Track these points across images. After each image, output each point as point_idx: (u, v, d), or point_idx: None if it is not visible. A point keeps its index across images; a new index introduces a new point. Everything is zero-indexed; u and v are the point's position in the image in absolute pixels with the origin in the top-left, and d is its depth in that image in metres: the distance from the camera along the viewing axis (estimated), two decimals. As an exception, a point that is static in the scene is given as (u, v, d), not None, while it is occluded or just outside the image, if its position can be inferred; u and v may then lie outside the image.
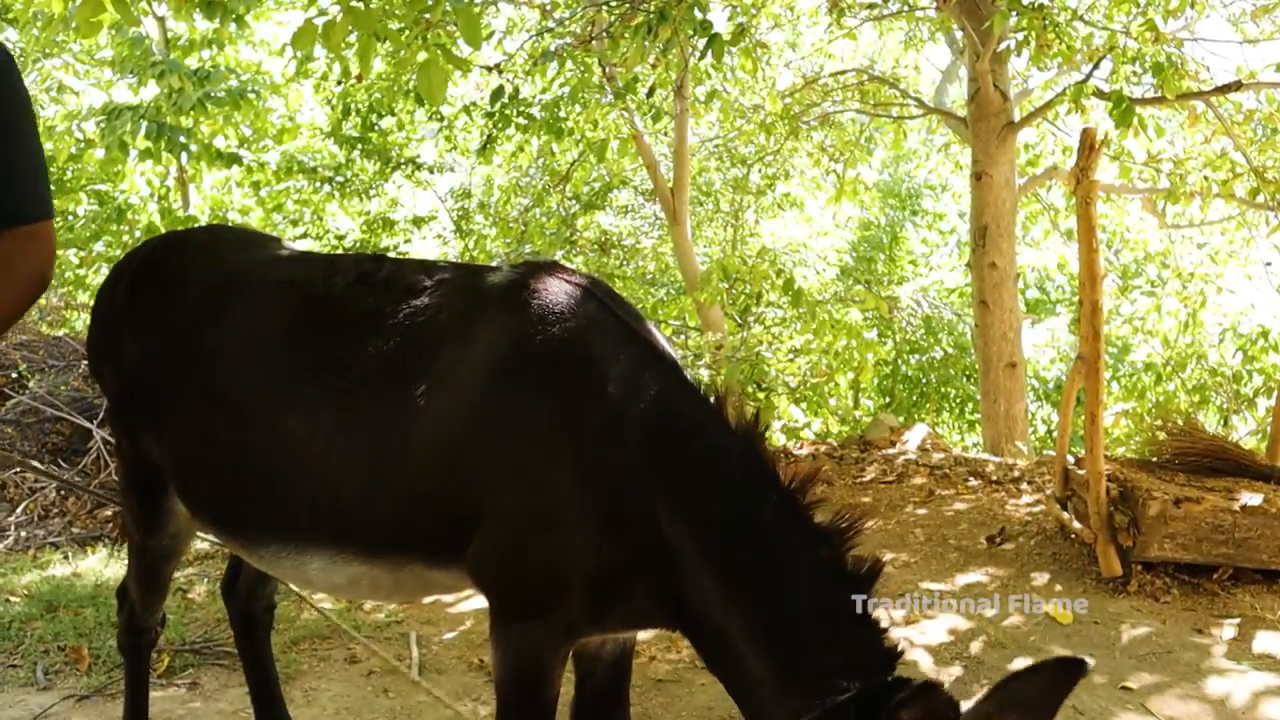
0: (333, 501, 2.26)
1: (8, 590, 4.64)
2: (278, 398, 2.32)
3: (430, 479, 2.17)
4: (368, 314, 2.31)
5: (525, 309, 2.20)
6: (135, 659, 2.99)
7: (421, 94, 4.63)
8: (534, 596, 2.17)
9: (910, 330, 15.42)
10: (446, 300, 2.28)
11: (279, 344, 2.36)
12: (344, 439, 2.24)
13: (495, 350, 2.16)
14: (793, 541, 2.03)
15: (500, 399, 2.14)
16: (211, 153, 8.30)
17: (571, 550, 2.10)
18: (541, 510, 2.12)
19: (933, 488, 6.17)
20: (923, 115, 11.94)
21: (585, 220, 11.74)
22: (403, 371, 2.21)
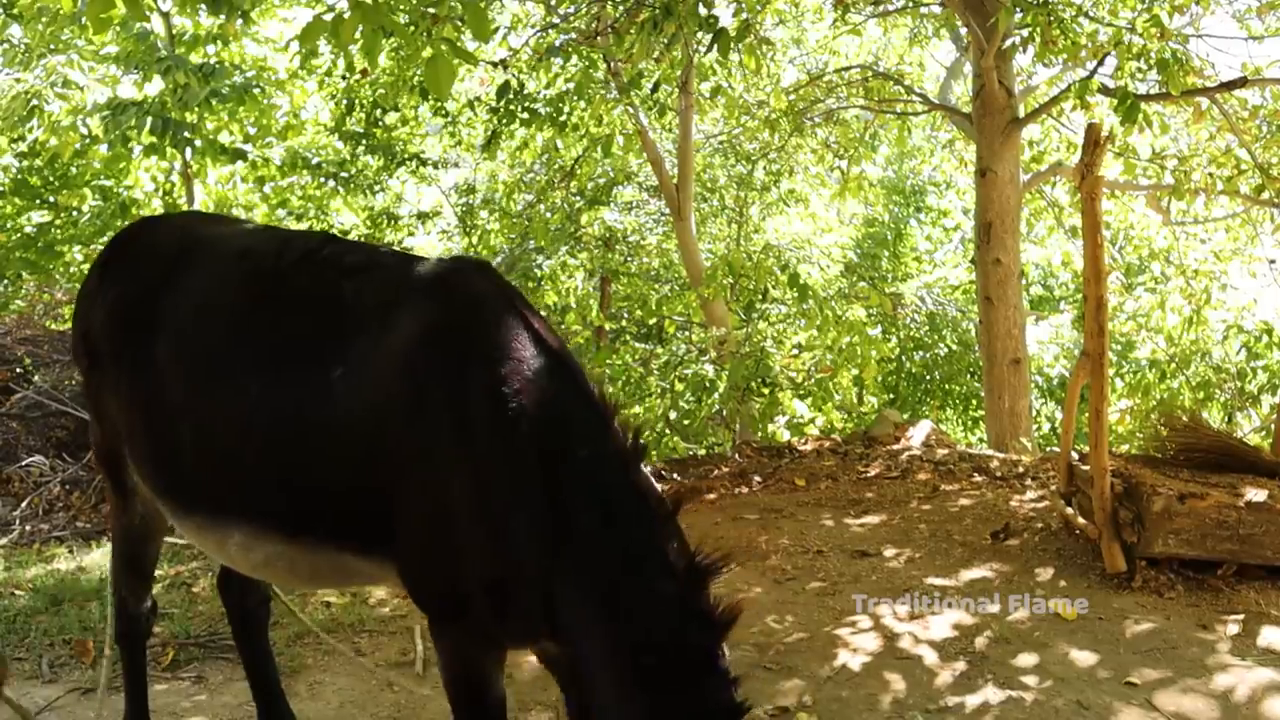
0: (253, 477, 2.30)
1: (13, 584, 4.66)
2: (212, 370, 2.37)
3: (340, 464, 2.19)
4: (303, 292, 2.35)
5: (442, 304, 2.22)
6: (130, 649, 3.01)
7: (429, 88, 4.64)
8: (444, 600, 2.19)
9: (914, 327, 15.40)
10: (374, 286, 2.30)
11: (222, 314, 2.41)
12: (266, 414, 2.27)
13: (407, 342, 2.17)
14: (652, 572, 2.02)
15: (405, 393, 2.14)
16: (216, 148, 8.31)
17: (468, 550, 2.10)
18: (440, 511, 2.12)
19: (937, 484, 6.17)
20: (927, 112, 11.93)
21: (589, 216, 11.73)
22: (323, 353, 2.24)
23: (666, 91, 9.69)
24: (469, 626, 2.17)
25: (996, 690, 3.57)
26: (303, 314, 2.32)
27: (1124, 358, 13.54)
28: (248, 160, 8.94)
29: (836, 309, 8.67)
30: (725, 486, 6.31)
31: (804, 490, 6.18)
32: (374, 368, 2.17)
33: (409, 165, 10.71)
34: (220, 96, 8.11)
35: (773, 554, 4.97)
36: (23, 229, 9.81)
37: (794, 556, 4.94)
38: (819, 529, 5.39)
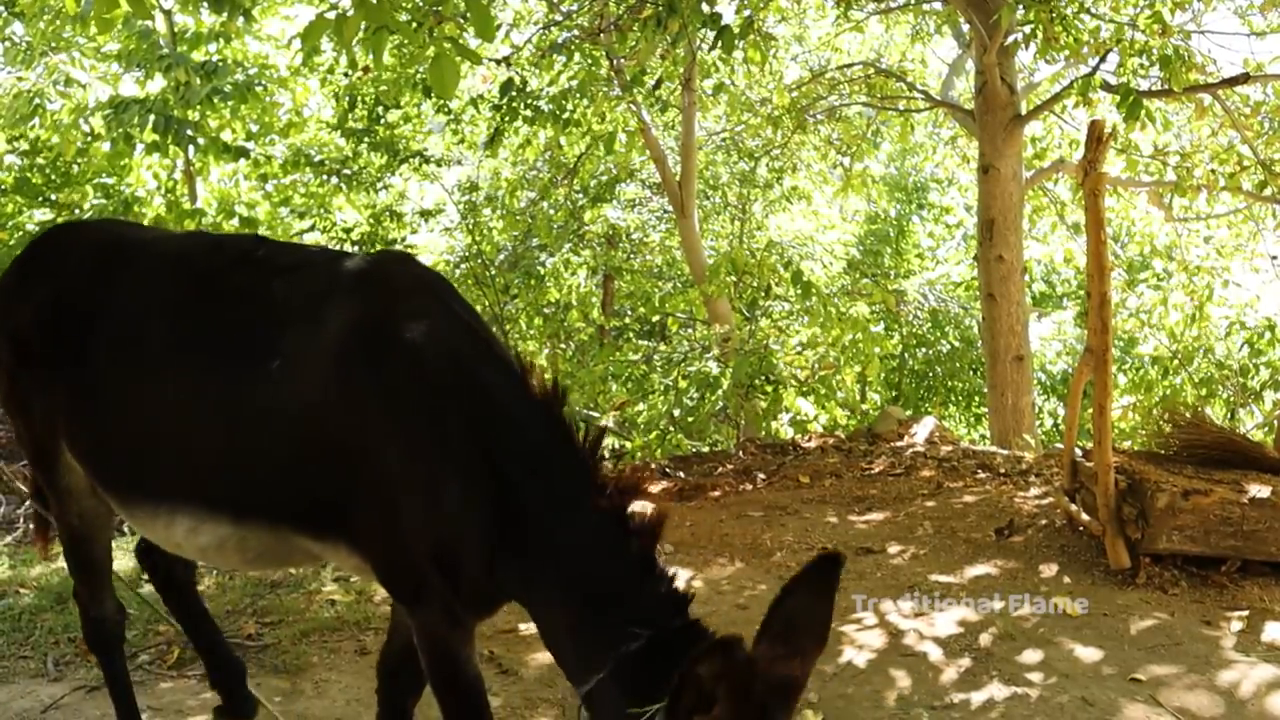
0: (196, 464, 2.38)
1: (17, 582, 4.66)
2: (154, 364, 2.45)
3: (278, 449, 2.28)
4: (239, 291, 2.45)
5: (366, 297, 2.33)
6: (105, 654, 2.99)
7: (434, 88, 4.63)
8: (404, 582, 2.28)
9: (917, 324, 15.40)
10: (305, 282, 2.41)
11: (159, 313, 2.49)
12: (205, 405, 2.36)
13: (338, 332, 2.27)
14: (583, 505, 2.11)
15: (338, 381, 2.24)
16: (218, 146, 8.31)
17: (412, 528, 2.19)
18: (383, 494, 2.21)
19: (941, 480, 6.17)
20: (929, 109, 11.91)
21: (592, 214, 11.74)
22: (259, 346, 2.33)
23: (669, 89, 9.68)
24: (432, 605, 2.25)
25: (1001, 687, 3.57)
26: (239, 310, 2.41)
27: (1126, 354, 13.54)
28: (250, 158, 8.94)
29: (839, 306, 8.66)
30: (729, 484, 6.31)
31: (808, 487, 6.18)
32: (307, 359, 2.27)
33: (412, 163, 10.71)
34: (222, 94, 8.11)
35: (777, 551, 4.97)
36: (24, 227, 9.82)
37: (798, 553, 4.93)
38: (823, 526, 5.39)
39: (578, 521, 2.11)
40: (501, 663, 3.73)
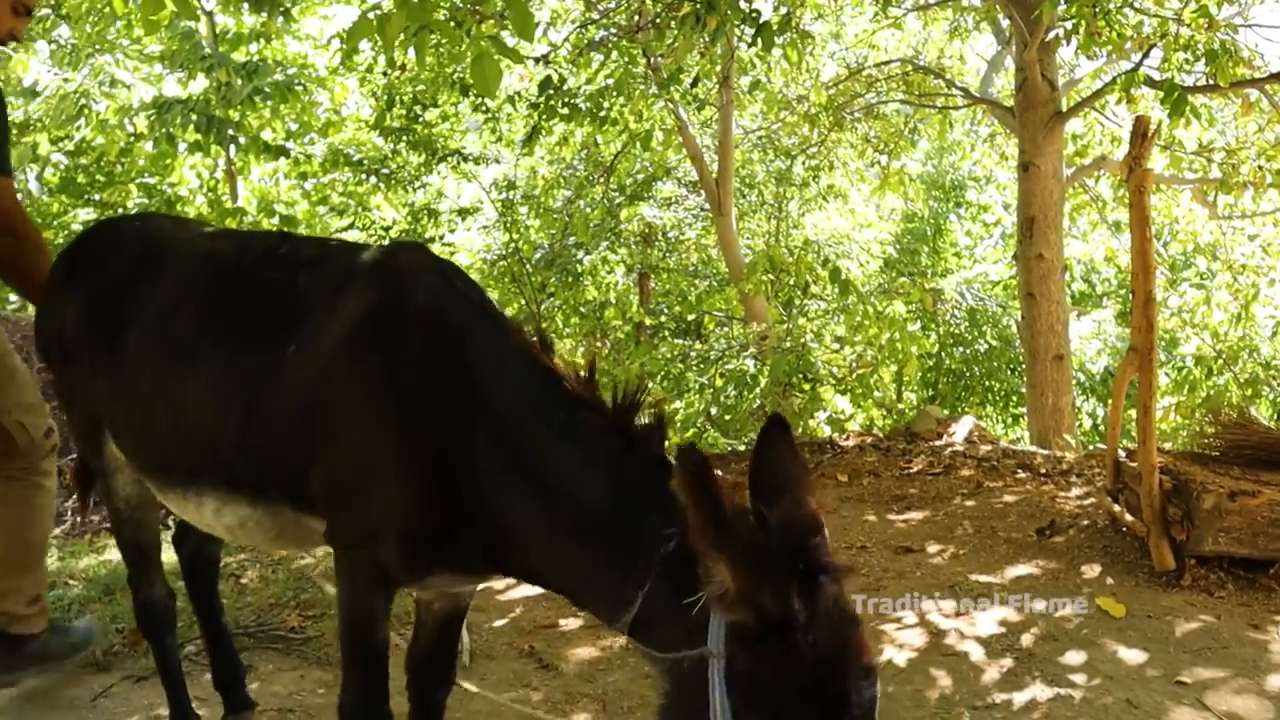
0: (220, 448, 2.48)
1: (67, 574, 4.74)
2: (183, 355, 2.56)
3: (292, 432, 2.34)
4: (264, 284, 2.55)
5: (379, 284, 2.39)
6: (155, 639, 3.10)
7: (476, 87, 4.66)
8: (350, 543, 2.32)
9: (954, 323, 15.28)
10: (325, 273, 2.50)
11: (189, 308, 2.60)
12: (227, 393, 2.46)
13: (349, 320, 2.33)
14: (579, 428, 2.07)
15: (341, 358, 2.30)
16: (259, 145, 8.41)
17: (383, 498, 2.22)
18: (357, 461, 2.26)
19: (980, 480, 6.12)
20: (968, 106, 11.81)
21: (629, 212, 11.74)
22: (278, 335, 2.42)
23: (706, 87, 9.67)
24: (366, 572, 2.29)
25: (1044, 688, 3.54)
26: (262, 303, 2.51)
27: (1168, 354, 13.36)
28: (290, 157, 9.03)
29: (876, 304, 8.62)
30: (766, 482, 6.29)
31: (846, 486, 6.15)
32: (320, 344, 2.34)
33: (450, 161, 10.77)
34: (262, 94, 8.19)
35: (815, 549, 4.95)
36: (70, 226, 9.98)
37: (837, 552, 4.90)
38: (861, 525, 5.37)
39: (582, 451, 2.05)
40: (542, 658, 3.75)
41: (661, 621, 1.84)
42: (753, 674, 1.66)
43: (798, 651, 1.61)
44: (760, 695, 1.65)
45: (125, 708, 3.44)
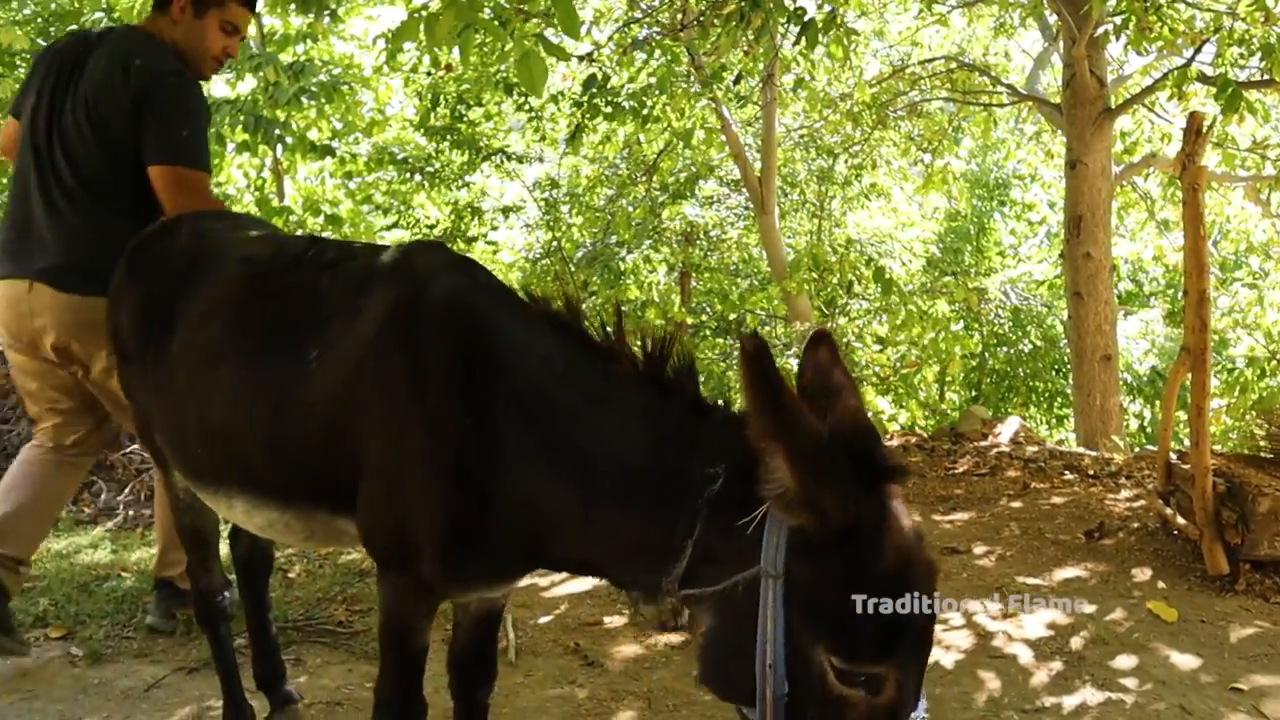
0: (247, 451, 2.50)
1: (120, 566, 4.81)
2: (212, 358, 2.58)
3: (319, 435, 2.33)
4: (292, 288, 2.54)
5: (400, 284, 2.36)
6: (209, 628, 3.15)
7: (522, 86, 4.67)
8: (391, 551, 2.29)
9: (998, 323, 15.13)
10: (346, 276, 2.49)
11: (221, 312, 2.62)
12: (251, 397, 2.47)
13: (372, 321, 2.31)
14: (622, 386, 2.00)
15: (365, 363, 2.27)
16: (305, 145, 8.48)
17: (420, 506, 2.16)
18: (390, 469, 2.21)
19: (1027, 481, 6.05)
20: (1014, 103, 11.68)
21: (671, 210, 11.73)
22: (302, 338, 2.41)
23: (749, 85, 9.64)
24: (411, 576, 2.27)
25: (1095, 692, 3.49)
26: (286, 307, 2.52)
27: (1218, 354, 13.14)
28: (335, 156, 9.11)
29: (920, 304, 8.55)
30: (810, 481, 6.26)
31: (890, 486, 6.10)
32: (345, 346, 2.34)
33: (493, 160, 10.82)
34: (309, 94, 8.27)
35: (860, 550, 4.92)
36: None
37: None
38: (906, 525, 5.33)
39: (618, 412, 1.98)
40: (587, 655, 3.76)
41: (710, 561, 1.76)
42: (813, 586, 1.60)
43: (862, 561, 1.56)
44: (821, 609, 1.60)
45: (177, 699, 3.48)
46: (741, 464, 1.70)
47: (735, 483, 1.71)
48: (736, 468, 1.73)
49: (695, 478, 1.80)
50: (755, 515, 1.65)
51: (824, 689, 1.61)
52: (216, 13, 3.44)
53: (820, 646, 1.60)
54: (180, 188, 3.25)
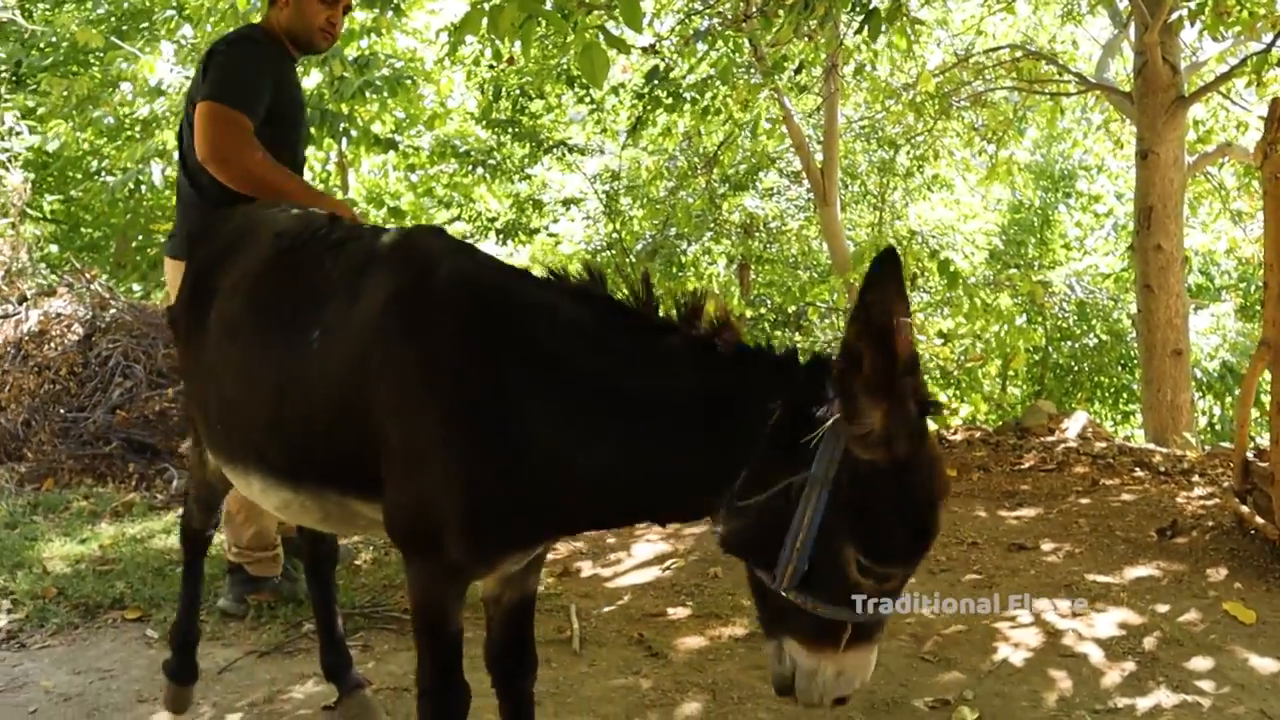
0: (257, 430, 2.54)
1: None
2: (231, 334, 2.64)
3: (325, 416, 2.36)
4: (303, 268, 2.57)
5: (403, 267, 2.37)
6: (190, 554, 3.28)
7: (584, 77, 4.67)
8: (416, 534, 2.29)
9: (1062, 316, 14.85)
10: (348, 257, 2.51)
11: (244, 288, 2.66)
12: (260, 375, 2.51)
13: (376, 304, 2.31)
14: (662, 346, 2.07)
15: (377, 343, 2.28)
16: (370, 138, 8.60)
17: (445, 485, 2.18)
18: (413, 448, 2.22)
19: (1096, 477, 5.94)
20: (1081, 92, 11.44)
21: (731, 202, 11.68)
22: (306, 318, 2.44)
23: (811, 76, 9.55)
24: (440, 560, 2.28)
25: (1169, 694, 3.41)
26: (295, 285, 2.55)
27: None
28: (399, 149, 9.21)
29: (984, 297, 8.42)
30: (872, 475, 6.20)
31: (955, 481, 6.02)
32: (347, 329, 2.35)
33: (555, 152, 10.86)
34: (373, 87, 8.37)
35: (924, 544, 4.86)
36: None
37: (948, 547, 4.82)
38: (972, 520, 5.25)
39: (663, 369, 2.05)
40: (651, 646, 3.76)
41: (759, 480, 1.92)
42: (859, 499, 1.82)
43: (910, 487, 1.81)
44: (861, 518, 1.83)
45: (249, 681, 3.55)
46: (797, 397, 1.89)
47: (792, 414, 1.88)
48: (791, 401, 1.89)
49: (752, 412, 1.94)
50: (817, 434, 1.84)
51: (844, 575, 1.88)
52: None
53: (851, 545, 1.85)
54: (205, 120, 3.38)
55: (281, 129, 3.61)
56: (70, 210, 10.29)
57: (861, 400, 1.75)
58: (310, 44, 3.75)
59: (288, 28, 3.70)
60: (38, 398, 6.64)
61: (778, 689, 2.04)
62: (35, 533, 5.17)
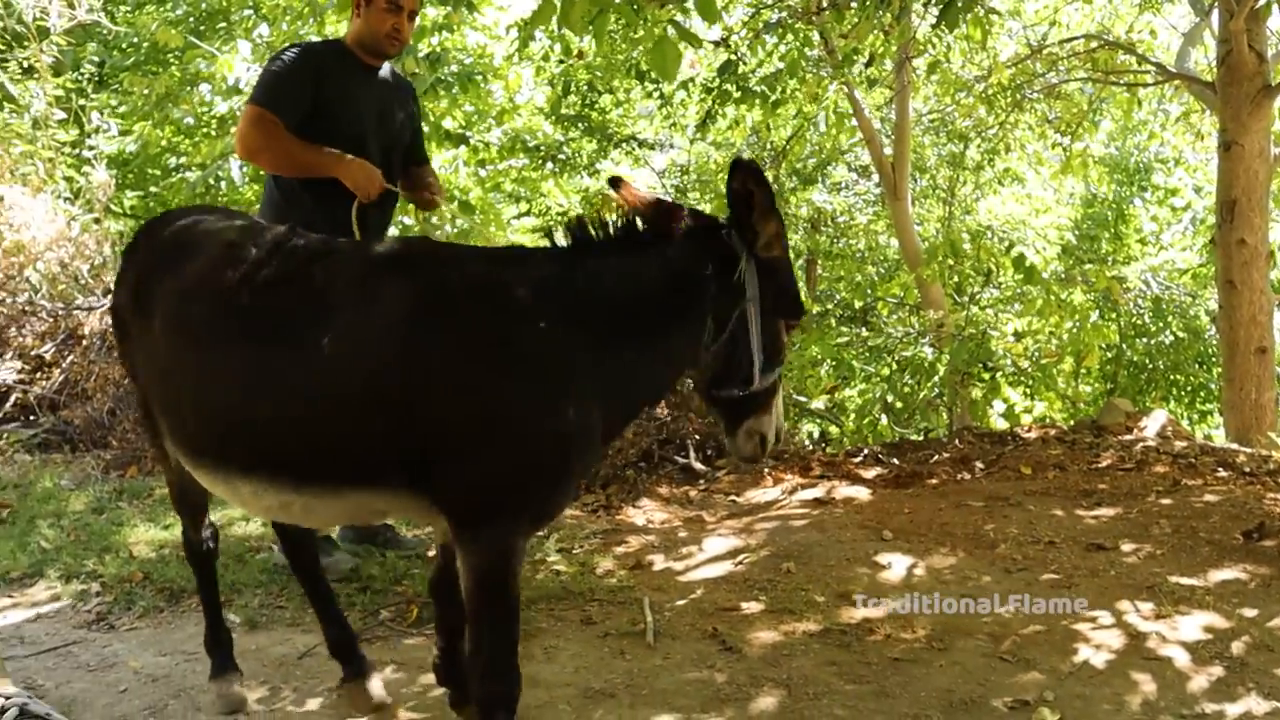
0: (252, 434, 2.61)
1: (270, 539, 5.01)
2: (204, 340, 2.69)
3: (345, 417, 2.51)
4: (278, 274, 2.68)
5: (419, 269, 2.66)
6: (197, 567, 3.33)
7: (655, 72, 4.68)
8: (478, 506, 2.50)
9: (1137, 313, 14.49)
10: (342, 267, 2.69)
11: (209, 294, 2.71)
12: (260, 379, 2.59)
13: (403, 303, 2.53)
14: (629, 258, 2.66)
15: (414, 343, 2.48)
16: (441, 133, 8.69)
17: (528, 453, 2.48)
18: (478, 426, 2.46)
19: (1177, 478, 5.79)
20: (1160, 82, 11.15)
21: (799, 197, 11.59)
22: (305, 326, 2.55)
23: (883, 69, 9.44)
24: (500, 528, 2.50)
25: (1261, 700, 3.31)
26: (281, 292, 2.65)
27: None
28: (469, 144, 9.29)
29: (1059, 293, 8.25)
30: (946, 472, 6.12)
31: (1030, 479, 5.92)
32: (368, 331, 2.52)
33: (624, 147, 10.88)
34: (445, 83, 8.45)
35: (1001, 543, 4.79)
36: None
37: (1024, 546, 4.74)
38: (1049, 519, 5.16)
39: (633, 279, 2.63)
40: (725, 640, 3.75)
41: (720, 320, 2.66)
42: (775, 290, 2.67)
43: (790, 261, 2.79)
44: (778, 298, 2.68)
45: (328, 667, 3.60)
46: (719, 251, 2.64)
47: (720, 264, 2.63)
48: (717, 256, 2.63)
49: (703, 277, 2.63)
50: (740, 269, 2.62)
51: (780, 343, 2.73)
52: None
53: (779, 319, 2.71)
54: (240, 121, 3.89)
55: (335, 125, 3.90)
56: (149, 206, 10.54)
57: (759, 222, 2.59)
58: (379, 50, 4.07)
59: (359, 36, 4.04)
60: (122, 387, 6.83)
61: (748, 460, 2.81)
62: (121, 518, 5.32)
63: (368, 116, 4.04)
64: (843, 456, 6.58)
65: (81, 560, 4.66)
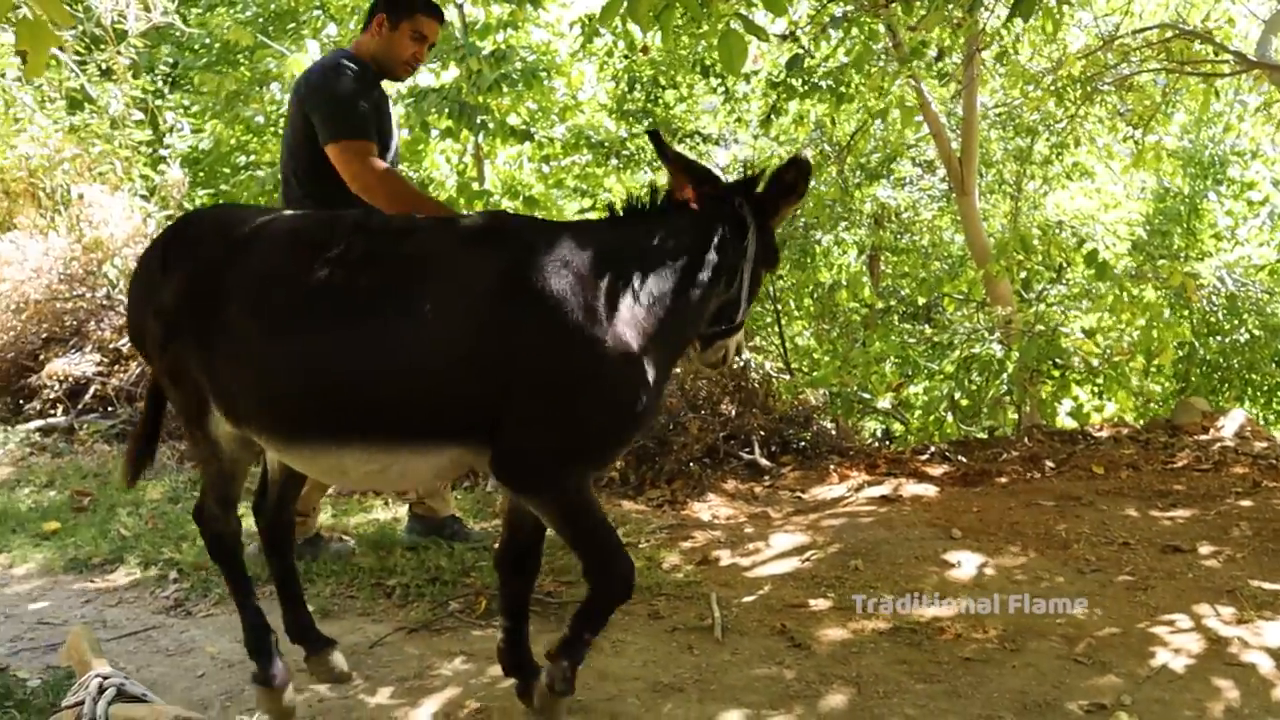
0: (354, 405, 2.74)
1: (341, 530, 5.10)
2: (297, 322, 2.76)
3: (455, 378, 2.69)
4: (369, 251, 2.81)
5: (506, 240, 2.86)
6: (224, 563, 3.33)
7: (722, 66, 4.65)
8: (552, 456, 2.74)
9: (1211, 310, 14.13)
10: (426, 242, 2.86)
11: (303, 276, 2.80)
12: (364, 353, 2.70)
13: (495, 272, 2.74)
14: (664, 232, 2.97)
15: (519, 305, 2.71)
16: (505, 130, 8.75)
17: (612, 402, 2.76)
18: (563, 384, 2.71)
19: (1257, 479, 5.64)
20: (1238, 72, 10.81)
21: (864, 192, 11.46)
22: (403, 299, 2.71)
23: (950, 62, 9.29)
24: (570, 470, 2.77)
25: (1349, 708, 3.22)
26: (372, 270, 2.77)
27: None
28: (534, 141, 9.34)
29: (1132, 289, 8.06)
30: (1016, 471, 6.03)
31: (1103, 478, 5.80)
32: (460, 301, 2.70)
33: (688, 142, 10.85)
34: (509, 80, 8.50)
35: (1074, 543, 4.71)
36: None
37: (1097, 547, 4.65)
38: (1122, 519, 5.06)
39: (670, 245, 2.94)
40: (794, 636, 3.74)
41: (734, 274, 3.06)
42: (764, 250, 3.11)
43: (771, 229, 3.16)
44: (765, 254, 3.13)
45: (399, 657, 3.67)
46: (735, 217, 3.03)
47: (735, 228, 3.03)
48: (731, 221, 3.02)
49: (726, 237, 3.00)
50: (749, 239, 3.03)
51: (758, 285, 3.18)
52: (408, 24, 3.99)
53: (764, 269, 3.18)
54: (341, 161, 3.77)
55: (384, 142, 3.96)
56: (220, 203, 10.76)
57: (784, 206, 3.14)
58: (393, 73, 4.08)
59: (374, 54, 4.02)
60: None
61: (712, 367, 3.30)
62: (197, 508, 5.44)
63: (391, 133, 4.10)
64: (909, 454, 6.51)
65: (159, 548, 4.79)
